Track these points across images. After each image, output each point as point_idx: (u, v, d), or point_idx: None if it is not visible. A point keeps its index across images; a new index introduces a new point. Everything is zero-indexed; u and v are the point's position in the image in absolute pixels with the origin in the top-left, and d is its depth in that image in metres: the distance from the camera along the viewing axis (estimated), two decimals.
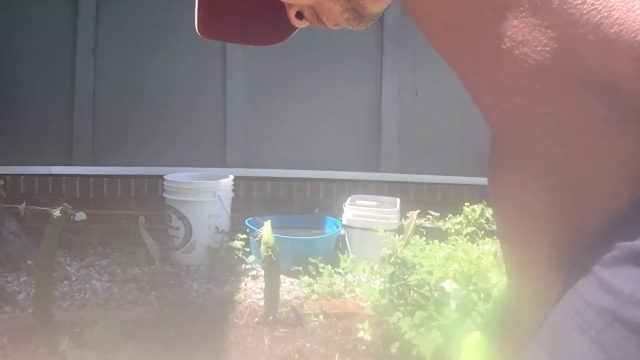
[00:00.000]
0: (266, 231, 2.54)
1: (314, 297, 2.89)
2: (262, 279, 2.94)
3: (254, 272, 3.26)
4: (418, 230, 3.22)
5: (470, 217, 3.47)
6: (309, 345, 2.38)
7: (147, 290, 2.95)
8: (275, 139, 3.98)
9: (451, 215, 3.58)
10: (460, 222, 3.49)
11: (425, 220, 3.49)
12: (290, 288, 3.05)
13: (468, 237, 3.34)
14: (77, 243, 3.55)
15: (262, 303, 2.71)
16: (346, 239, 3.49)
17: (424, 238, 3.12)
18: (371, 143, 4.03)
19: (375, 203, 3.59)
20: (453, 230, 3.43)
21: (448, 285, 2.17)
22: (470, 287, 2.14)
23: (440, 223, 3.52)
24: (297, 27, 0.73)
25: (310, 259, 3.16)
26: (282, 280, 2.87)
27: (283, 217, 3.60)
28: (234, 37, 0.78)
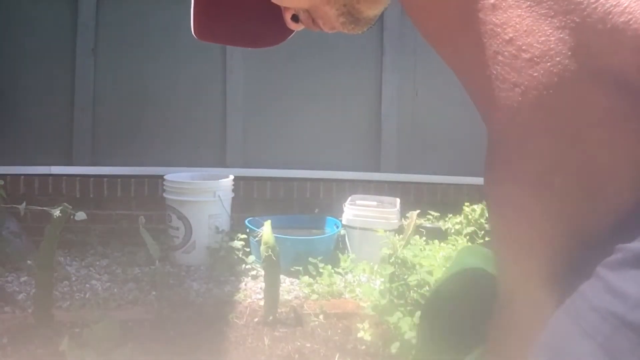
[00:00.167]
0: (266, 231, 2.54)
1: (314, 297, 2.89)
2: (262, 279, 2.94)
3: (254, 272, 3.26)
4: (418, 230, 3.22)
5: (470, 217, 3.47)
6: (309, 345, 2.38)
7: (147, 290, 2.95)
8: (275, 139, 3.98)
9: (451, 215, 3.57)
10: (460, 222, 3.49)
11: (425, 220, 3.49)
12: (290, 288, 3.05)
13: (468, 237, 3.34)
14: (77, 243, 3.55)
15: (262, 303, 2.71)
16: (346, 239, 3.49)
17: (424, 238, 3.12)
18: (371, 143, 4.03)
19: (375, 203, 3.59)
20: (453, 230, 3.43)
21: None
22: None
23: (440, 223, 3.52)
24: (293, 30, 0.73)
25: (310, 259, 3.16)
26: (282, 280, 2.87)
27: (283, 217, 3.60)
28: (231, 40, 0.77)
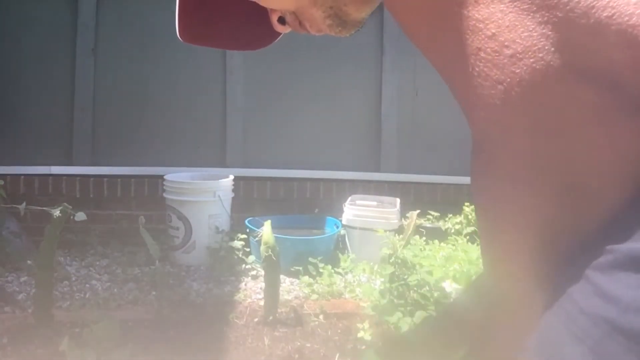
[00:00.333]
0: (266, 231, 2.53)
1: (314, 297, 2.89)
2: (262, 279, 2.94)
3: (254, 272, 3.26)
4: (418, 230, 3.23)
5: (470, 217, 3.47)
6: (309, 345, 2.38)
7: (147, 290, 2.95)
8: (275, 139, 3.98)
9: (451, 215, 3.57)
10: (460, 222, 3.49)
11: (425, 220, 3.49)
12: (290, 288, 3.05)
13: (468, 237, 3.34)
14: (77, 243, 3.55)
15: (262, 303, 2.71)
16: (346, 239, 3.49)
17: (424, 238, 3.12)
18: (371, 143, 4.03)
19: (375, 203, 3.59)
20: (453, 230, 3.43)
21: (448, 285, 2.17)
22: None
23: (440, 223, 3.52)
24: (280, 33, 0.72)
25: (310, 259, 3.16)
26: (282, 280, 2.87)
27: (283, 217, 3.60)
28: (217, 42, 0.75)
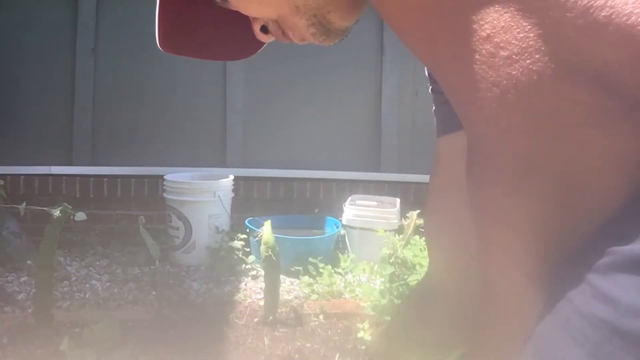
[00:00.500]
0: (266, 231, 2.53)
1: (314, 297, 2.89)
2: (262, 279, 2.94)
3: (254, 272, 3.26)
4: (418, 230, 3.22)
5: None
6: (309, 345, 2.38)
7: (147, 290, 2.95)
8: (275, 139, 3.98)
9: None
10: None
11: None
12: (290, 288, 3.05)
13: None
14: (77, 243, 3.55)
15: (262, 303, 2.71)
16: (346, 239, 3.49)
17: (424, 238, 3.12)
18: (371, 143, 4.03)
19: (375, 203, 3.59)
20: None
21: None
22: None
23: None
24: (264, 43, 0.70)
25: (310, 259, 3.16)
26: (282, 280, 2.87)
27: (283, 217, 3.60)
28: (198, 52, 0.73)
